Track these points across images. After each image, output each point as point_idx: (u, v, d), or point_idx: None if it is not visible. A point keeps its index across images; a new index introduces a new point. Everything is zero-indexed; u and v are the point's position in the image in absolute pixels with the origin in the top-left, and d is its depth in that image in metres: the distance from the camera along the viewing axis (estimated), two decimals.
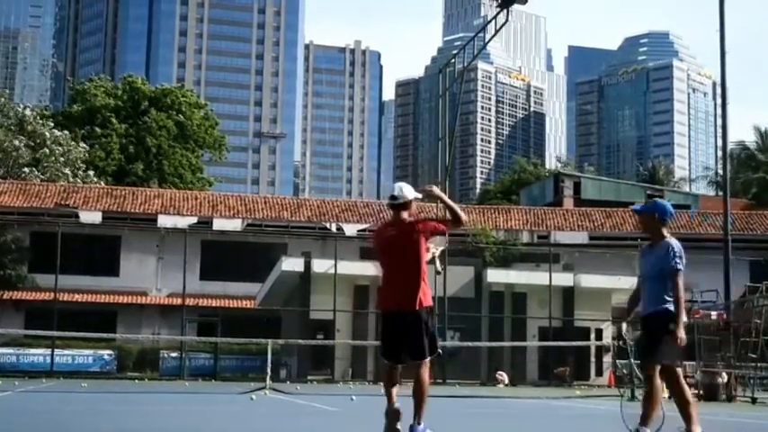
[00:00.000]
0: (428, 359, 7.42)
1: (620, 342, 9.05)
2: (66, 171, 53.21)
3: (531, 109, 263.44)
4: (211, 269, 43.46)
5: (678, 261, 7.45)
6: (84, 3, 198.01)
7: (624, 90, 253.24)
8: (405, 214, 7.42)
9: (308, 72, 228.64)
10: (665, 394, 7.72)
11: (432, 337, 7.44)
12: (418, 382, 7.40)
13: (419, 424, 7.32)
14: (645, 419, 7.30)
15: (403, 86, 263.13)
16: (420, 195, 7.54)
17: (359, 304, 36.19)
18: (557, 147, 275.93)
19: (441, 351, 7.58)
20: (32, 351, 36.80)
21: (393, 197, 7.43)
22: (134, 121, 64.05)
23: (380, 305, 7.70)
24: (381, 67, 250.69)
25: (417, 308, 7.31)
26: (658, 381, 7.42)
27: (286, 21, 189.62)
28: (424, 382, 7.40)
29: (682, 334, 7.30)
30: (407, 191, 7.46)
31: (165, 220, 43.95)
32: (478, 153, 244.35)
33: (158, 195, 47.85)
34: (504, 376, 34.39)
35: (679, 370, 7.73)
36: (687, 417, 7.45)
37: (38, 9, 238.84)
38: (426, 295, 7.39)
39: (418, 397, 7.36)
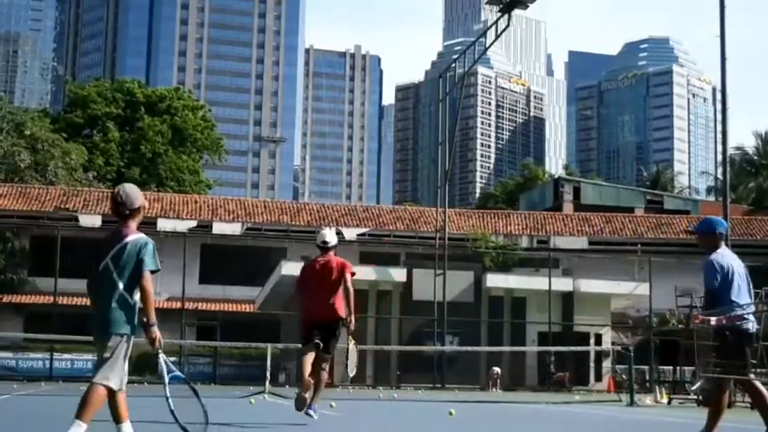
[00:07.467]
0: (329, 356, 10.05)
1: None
2: (65, 173, 53.14)
3: (531, 114, 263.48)
4: (211, 273, 43.46)
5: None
6: (85, 6, 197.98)
7: (624, 95, 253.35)
8: (332, 253, 10.11)
9: (308, 76, 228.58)
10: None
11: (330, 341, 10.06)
12: (321, 373, 9.95)
13: (309, 408, 9.77)
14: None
15: (403, 91, 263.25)
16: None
17: (357, 309, 36.02)
18: (557, 152, 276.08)
19: (331, 356, 10.17)
20: (32, 355, 36.74)
21: (325, 242, 10.07)
22: (131, 127, 64.00)
23: (307, 316, 10.07)
24: (381, 71, 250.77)
25: (337, 316, 10.08)
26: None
27: (286, 25, 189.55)
28: (324, 374, 10.01)
29: None
30: (333, 238, 10.15)
31: (164, 224, 43.92)
32: (478, 158, 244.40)
33: (158, 199, 47.81)
34: (497, 373, 34.43)
35: None
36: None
37: (38, 12, 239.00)
38: (341, 308, 10.12)
39: (317, 386, 9.90)
